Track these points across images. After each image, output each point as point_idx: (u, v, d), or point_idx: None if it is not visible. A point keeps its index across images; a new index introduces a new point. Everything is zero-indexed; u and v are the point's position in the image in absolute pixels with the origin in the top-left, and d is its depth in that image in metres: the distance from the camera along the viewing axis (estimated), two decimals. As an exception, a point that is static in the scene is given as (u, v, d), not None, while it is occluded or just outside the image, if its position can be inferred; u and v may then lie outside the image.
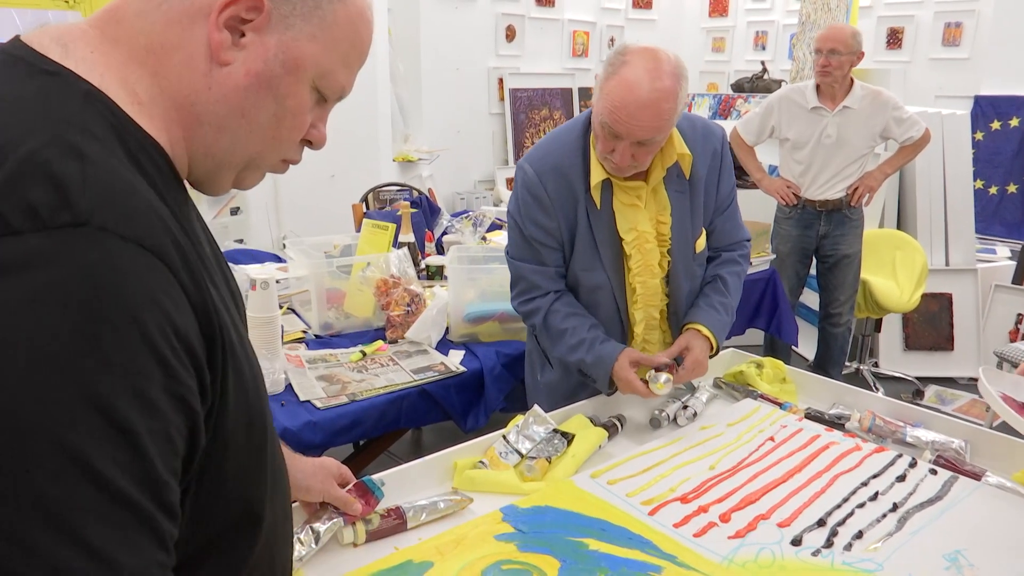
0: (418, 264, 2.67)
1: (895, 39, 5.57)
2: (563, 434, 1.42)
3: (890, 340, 4.01)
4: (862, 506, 1.24)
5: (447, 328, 2.22)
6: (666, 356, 1.57)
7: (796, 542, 1.15)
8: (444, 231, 3.08)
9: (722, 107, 5.14)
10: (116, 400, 0.50)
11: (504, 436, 1.41)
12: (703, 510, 1.23)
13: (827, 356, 3.58)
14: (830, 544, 1.14)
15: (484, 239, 2.88)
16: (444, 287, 2.46)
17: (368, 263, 2.23)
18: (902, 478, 1.32)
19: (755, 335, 3.41)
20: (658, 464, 1.38)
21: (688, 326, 1.64)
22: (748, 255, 1.79)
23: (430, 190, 4.32)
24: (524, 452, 1.37)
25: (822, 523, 1.19)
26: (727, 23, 6.73)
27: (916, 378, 3.85)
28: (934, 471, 1.35)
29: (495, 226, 3.07)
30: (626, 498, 1.27)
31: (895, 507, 1.23)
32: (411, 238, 2.71)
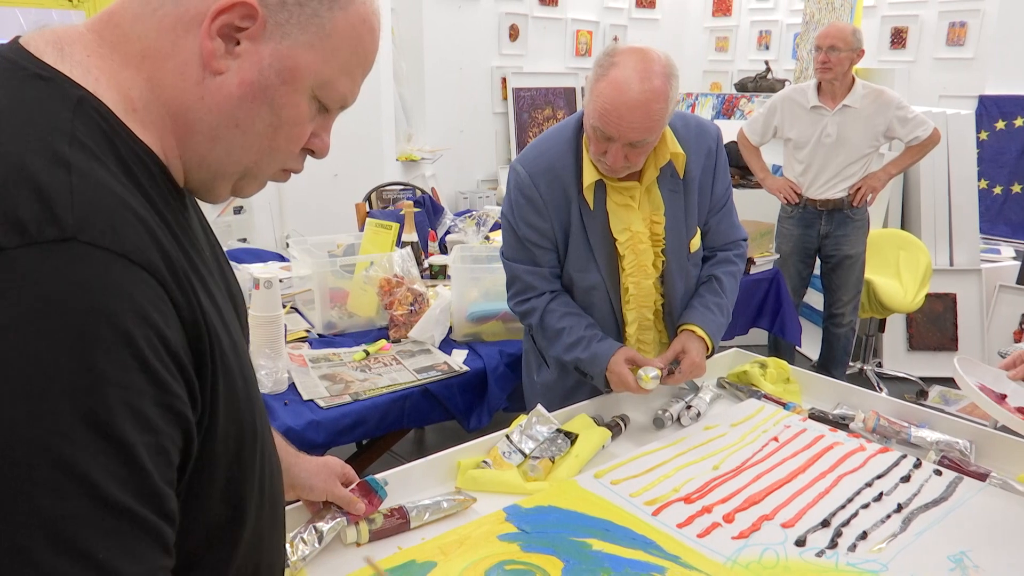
0: (421, 263, 2.67)
1: (899, 39, 5.55)
2: (566, 434, 1.42)
3: (894, 340, 4.00)
4: (866, 507, 1.24)
5: (450, 327, 2.23)
6: (662, 361, 1.57)
7: (800, 543, 1.14)
8: (447, 230, 3.08)
9: (725, 107, 5.14)
10: (110, 416, 0.50)
11: (507, 436, 1.41)
12: (707, 510, 1.23)
13: (830, 356, 3.57)
14: (834, 545, 1.14)
15: (487, 239, 2.88)
16: (447, 286, 2.46)
17: (371, 262, 2.23)
18: (906, 479, 1.32)
19: (759, 335, 3.41)
20: (662, 464, 1.38)
21: (683, 328, 1.64)
22: (744, 254, 1.78)
23: (433, 189, 4.32)
24: (527, 452, 1.37)
25: (826, 524, 1.19)
26: (731, 22, 6.71)
27: (920, 378, 3.85)
28: (939, 472, 1.34)
29: (498, 225, 3.06)
30: (629, 498, 1.26)
31: (900, 508, 1.23)
32: (414, 237, 2.71)
